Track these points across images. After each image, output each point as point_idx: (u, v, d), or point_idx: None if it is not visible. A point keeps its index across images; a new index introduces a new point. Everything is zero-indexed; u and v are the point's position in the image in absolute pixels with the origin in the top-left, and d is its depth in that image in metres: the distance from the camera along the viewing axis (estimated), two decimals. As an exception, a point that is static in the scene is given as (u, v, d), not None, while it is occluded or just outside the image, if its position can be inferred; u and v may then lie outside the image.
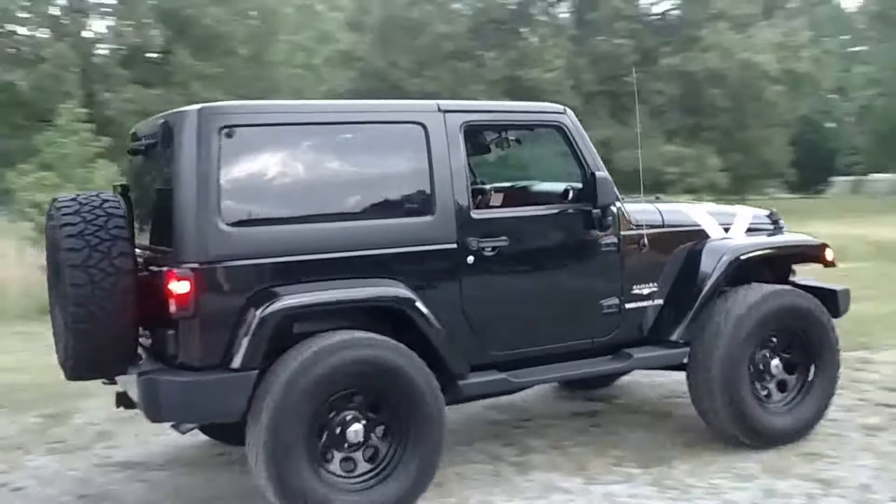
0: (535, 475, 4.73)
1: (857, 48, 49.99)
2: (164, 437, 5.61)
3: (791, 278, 5.53)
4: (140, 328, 4.16)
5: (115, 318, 3.95)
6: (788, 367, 5.14)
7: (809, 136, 39.16)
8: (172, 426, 4.28)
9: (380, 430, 4.17)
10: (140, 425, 5.89)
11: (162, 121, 4.24)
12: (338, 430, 4.08)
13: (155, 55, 27.25)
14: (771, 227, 5.55)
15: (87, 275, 3.89)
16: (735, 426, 4.92)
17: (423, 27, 27.65)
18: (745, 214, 5.54)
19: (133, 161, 4.92)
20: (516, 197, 5.39)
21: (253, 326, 3.88)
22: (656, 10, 30.93)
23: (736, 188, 27.59)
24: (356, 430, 4.08)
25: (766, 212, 5.69)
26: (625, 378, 6.46)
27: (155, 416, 3.98)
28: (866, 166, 43.60)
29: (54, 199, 4.26)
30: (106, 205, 4.11)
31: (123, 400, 4.65)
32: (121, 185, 4.68)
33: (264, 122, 4.20)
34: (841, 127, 44.31)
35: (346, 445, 4.10)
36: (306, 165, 4.30)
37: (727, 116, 27.49)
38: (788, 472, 4.61)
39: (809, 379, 5.14)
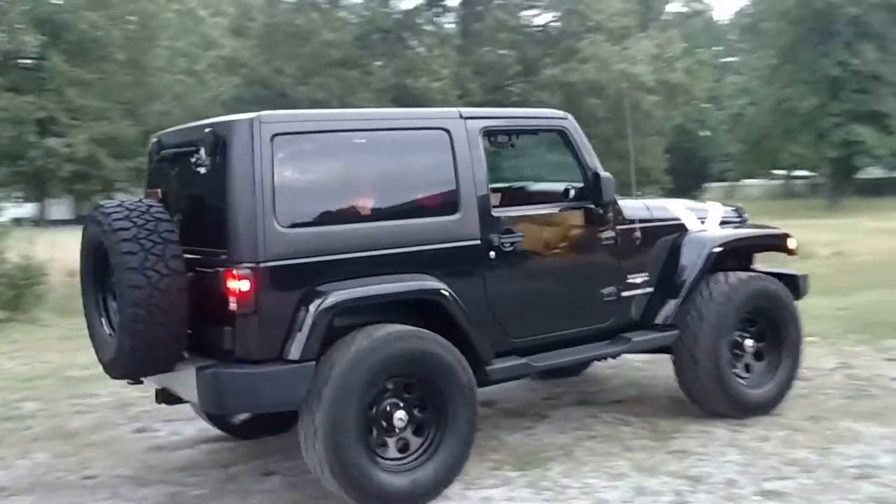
0: (415, 483, 4.71)
1: (728, 59, 52.42)
2: (28, 461, 5.35)
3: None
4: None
5: (170, 317, 4.13)
6: (757, 345, 5.65)
7: (685, 145, 40.77)
8: (218, 417, 4.85)
9: (421, 413, 4.48)
10: (2, 449, 5.60)
11: (207, 129, 4.39)
12: (383, 418, 4.36)
13: (28, 61, 26.04)
14: (738, 220, 6.12)
15: (145, 276, 4.07)
16: (720, 402, 5.44)
17: (309, 35, 27.36)
18: (717, 209, 6.08)
19: (162, 168, 5.00)
20: (513, 197, 5.59)
21: (311, 319, 4.13)
22: (538, 21, 31.59)
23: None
24: (400, 415, 4.37)
25: (733, 207, 6.25)
26: (509, 383, 6.54)
27: (218, 407, 4.38)
28: (738, 172, 45.68)
29: (99, 205, 4.39)
30: (153, 210, 4.29)
31: (164, 396, 4.89)
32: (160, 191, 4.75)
33: (310, 129, 4.51)
34: (714, 135, 46.27)
35: (391, 431, 4.38)
36: (348, 169, 4.59)
37: (607, 126, 28.32)
38: (658, 469, 4.73)
39: (778, 354, 5.68)
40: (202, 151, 4.40)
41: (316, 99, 27.02)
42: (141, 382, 4.79)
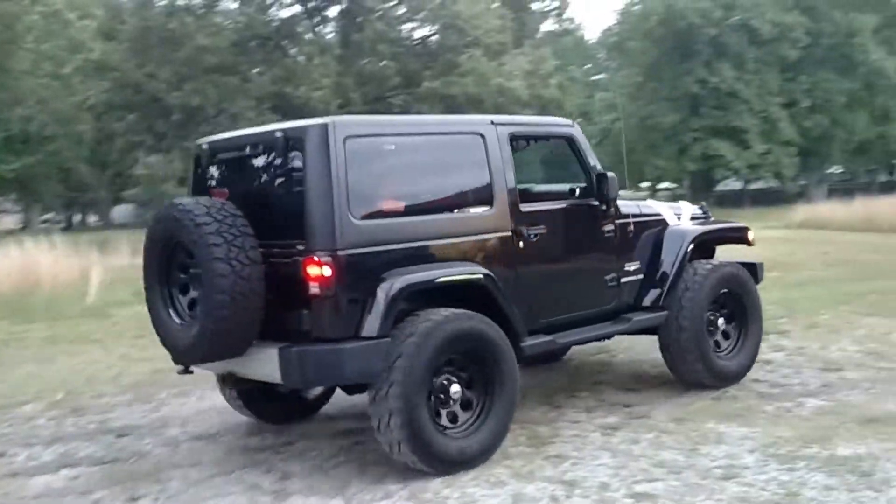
0: (293, 501, 4.57)
1: (597, 76, 54.19)
2: None
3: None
4: None
5: (251, 302, 4.53)
6: (728, 322, 6.40)
7: (558, 157, 41.74)
8: (298, 391, 5.25)
9: (471, 385, 4.98)
10: None
11: (278, 133, 4.80)
12: (441, 390, 4.85)
13: None
14: (704, 216, 6.91)
15: (230, 266, 4.44)
16: (702, 373, 6.12)
17: (183, 39, 26.45)
18: (688, 207, 6.88)
19: (216, 170, 5.35)
20: (523, 196, 5.80)
21: (387, 300, 4.61)
22: (417, 35, 31.70)
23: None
24: (456, 388, 4.90)
25: (699, 205, 7.05)
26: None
27: (303, 381, 4.83)
28: (607, 184, 47.12)
29: (175, 203, 4.74)
30: (227, 206, 4.66)
31: (231, 380, 5.38)
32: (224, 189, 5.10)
33: (374, 132, 4.99)
34: (585, 148, 47.53)
35: (448, 402, 4.88)
36: (404, 167, 5.09)
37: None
38: (535, 475, 4.74)
39: (745, 331, 6.45)
40: (272, 153, 4.84)
41: (191, 105, 26.19)
42: (191, 372, 5.21)
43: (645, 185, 47.15)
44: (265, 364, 4.67)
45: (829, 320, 8.81)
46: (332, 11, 31.42)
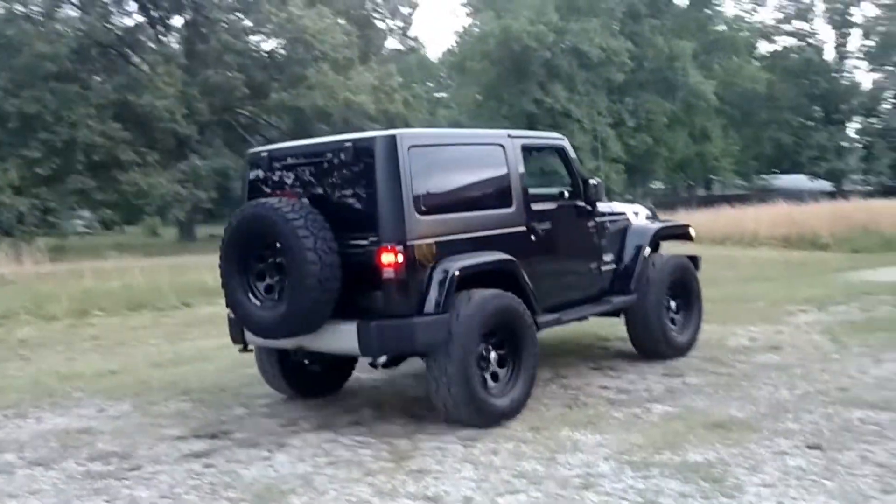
0: (142, 533, 4.12)
1: (440, 94, 54.77)
2: None
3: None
4: None
5: (331, 286, 5.19)
6: (678, 304, 7.41)
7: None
8: (370, 362, 5.37)
9: (504, 352, 5.71)
10: None
11: (347, 143, 5.47)
12: (483, 357, 5.58)
13: None
14: (653, 216, 7.88)
15: (317, 255, 5.09)
16: (662, 347, 7.17)
17: (21, 46, 24.71)
18: (642, 208, 7.88)
19: (278, 175, 5.87)
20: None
21: (448, 281, 5.30)
22: (265, 47, 30.92)
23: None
24: (493, 355, 5.64)
25: (648, 207, 8.09)
26: (242, 410, 6.13)
27: (380, 351, 5.29)
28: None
29: (262, 203, 5.39)
30: (306, 206, 5.31)
31: (302, 354, 6.03)
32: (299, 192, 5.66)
33: (429, 143, 5.72)
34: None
35: (488, 367, 5.63)
36: (451, 172, 5.86)
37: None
38: (399, 491, 4.49)
39: (690, 311, 7.54)
40: (340, 160, 5.45)
41: (28, 112, 24.45)
42: (250, 350, 6.06)
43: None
44: (341, 338, 5.32)
45: (664, 326, 9.02)
46: (177, 21, 30.18)
